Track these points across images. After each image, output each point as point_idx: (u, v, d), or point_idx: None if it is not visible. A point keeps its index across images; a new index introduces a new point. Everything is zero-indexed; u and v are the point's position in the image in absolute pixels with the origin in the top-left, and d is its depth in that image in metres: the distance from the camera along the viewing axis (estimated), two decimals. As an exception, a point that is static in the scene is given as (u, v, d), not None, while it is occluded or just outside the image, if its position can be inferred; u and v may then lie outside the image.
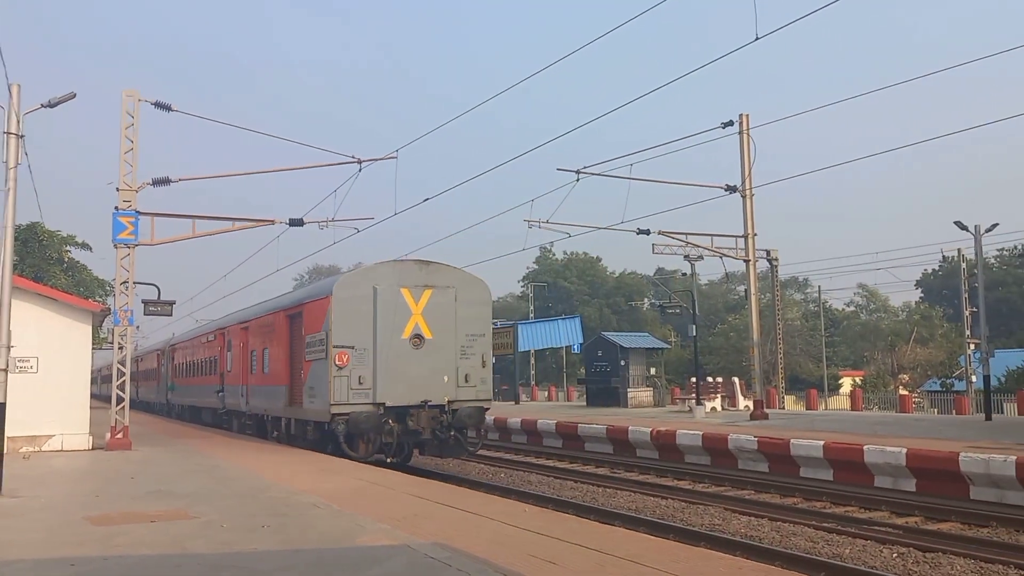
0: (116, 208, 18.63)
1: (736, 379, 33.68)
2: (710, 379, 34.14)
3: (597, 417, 26.11)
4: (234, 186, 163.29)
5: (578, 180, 24.05)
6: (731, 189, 25.71)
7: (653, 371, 36.43)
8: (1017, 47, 16.15)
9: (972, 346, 36.85)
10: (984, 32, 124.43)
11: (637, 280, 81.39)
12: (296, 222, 20.68)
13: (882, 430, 19.56)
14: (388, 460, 16.56)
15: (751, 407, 25.64)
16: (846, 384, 57.25)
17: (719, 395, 31.38)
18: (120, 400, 18.76)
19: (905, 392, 42.10)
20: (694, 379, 29.59)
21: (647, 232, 26.43)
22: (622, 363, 34.22)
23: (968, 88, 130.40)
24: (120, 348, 19.20)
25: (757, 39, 13.09)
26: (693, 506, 13.25)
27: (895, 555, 9.48)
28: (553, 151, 72.65)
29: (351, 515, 9.49)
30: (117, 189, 18.75)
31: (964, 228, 26.40)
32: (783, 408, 35.40)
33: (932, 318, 63.47)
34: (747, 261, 26.43)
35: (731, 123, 24.82)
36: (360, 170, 20.48)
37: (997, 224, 27.54)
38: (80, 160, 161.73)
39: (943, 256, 58.41)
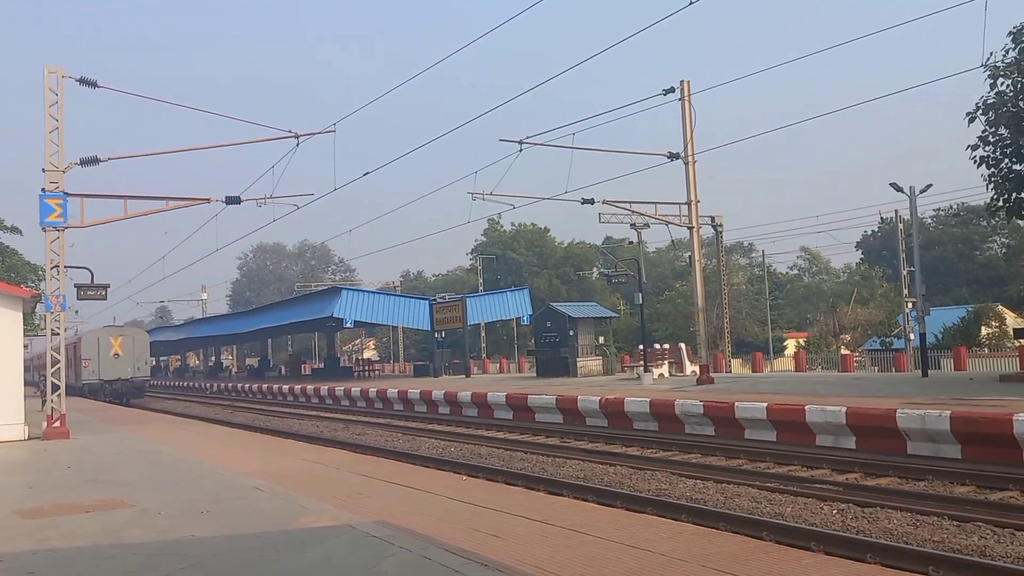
0: (43, 190, 17.96)
1: (683, 345, 34.10)
2: (658, 346, 34.52)
3: (547, 387, 26.22)
4: (169, 166, 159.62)
5: (521, 150, 23.96)
6: (674, 156, 25.83)
7: (602, 340, 36.70)
8: (949, 8, 16.39)
9: (910, 305, 37.83)
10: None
11: (586, 249, 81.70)
12: (233, 200, 20.19)
13: (824, 390, 19.98)
14: (108, 400, 39.36)
15: (697, 372, 25.98)
16: (790, 346, 58.57)
17: (667, 361, 31.74)
18: (56, 388, 18.23)
19: (847, 352, 43.21)
20: (642, 346, 29.86)
21: (591, 201, 26.49)
22: (571, 333, 34.38)
23: (903, 48, 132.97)
24: (54, 334, 18.62)
25: (691, 3, 13.04)
26: (641, 472, 13.34)
27: (835, 511, 9.66)
28: (495, 122, 72.44)
29: (293, 496, 9.35)
30: (43, 170, 18.06)
31: (899, 190, 26.95)
32: (730, 372, 36.02)
33: (872, 279, 65.08)
34: (691, 228, 26.65)
35: (672, 90, 24.82)
36: (298, 145, 20.07)
37: (931, 185, 28.20)
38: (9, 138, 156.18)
39: (881, 218, 59.68)
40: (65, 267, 18.41)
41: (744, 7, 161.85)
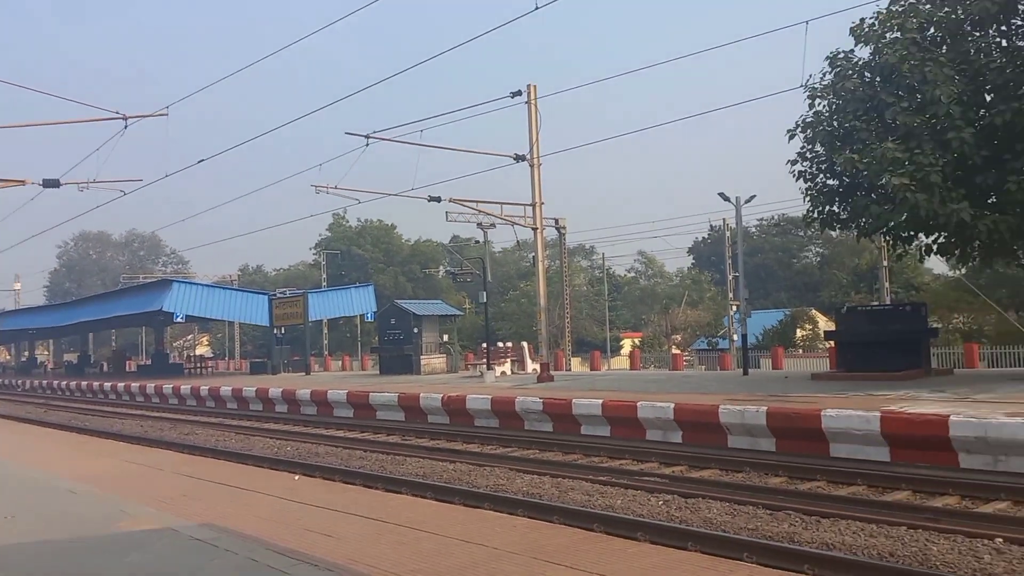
0: None
1: (525, 343, 34.74)
2: (501, 344, 35.00)
3: (389, 385, 25.99)
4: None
5: (368, 144, 23.65)
6: (520, 158, 26.25)
7: (446, 338, 36.80)
8: (786, 27, 17.55)
9: (734, 308, 40.25)
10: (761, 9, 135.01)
11: (432, 248, 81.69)
12: (51, 183, 18.73)
13: (655, 387, 20.89)
14: None
15: (538, 370, 26.53)
16: (627, 345, 60.95)
17: (509, 359, 32.23)
18: None
19: (677, 351, 45.45)
20: (485, 344, 30.18)
21: (438, 199, 26.49)
22: (415, 331, 34.26)
23: (736, 64, 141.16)
24: None
25: (537, 8, 13.31)
26: (480, 468, 13.46)
27: (661, 502, 10.12)
28: (342, 116, 70.98)
29: (113, 499, 8.79)
30: None
31: (727, 199, 28.62)
32: (570, 370, 37.03)
33: (701, 283, 68.82)
34: (535, 229, 27.17)
35: (519, 93, 25.22)
36: (126, 127, 18.87)
37: (755, 196, 30.10)
38: None
39: (711, 225, 63.30)
40: None
41: (595, 12, 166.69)
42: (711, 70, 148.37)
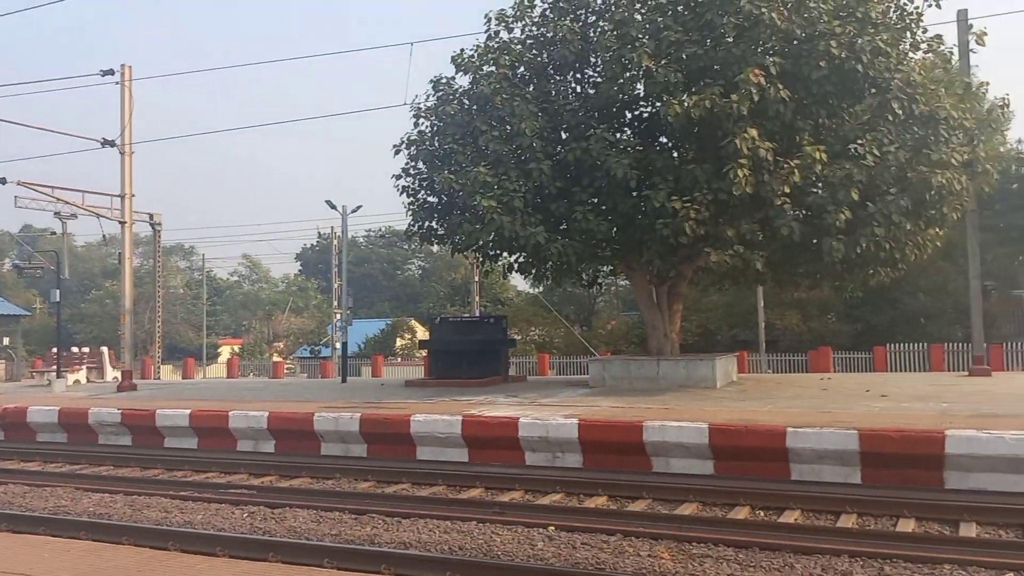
0: None
1: (105, 349, 31.49)
2: (77, 349, 31.33)
3: (-75, 396, 21.80)
4: None
5: (-92, 107, 19.65)
6: (108, 143, 23.80)
7: (7, 341, 32.01)
8: (390, 45, 18.07)
9: (338, 316, 40.67)
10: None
11: (-3, 237, 70.74)
12: None
13: (251, 395, 20.18)
14: None
15: (119, 378, 24.21)
16: (225, 352, 58.39)
17: (86, 366, 28.99)
18: None
19: (279, 359, 44.69)
20: (56, 349, 26.80)
21: (3, 181, 22.97)
22: (-35, 332, 29.26)
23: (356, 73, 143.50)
24: None
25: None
26: (39, 489, 11.86)
27: (246, 515, 9.74)
28: None
29: None
30: None
31: (333, 207, 28.87)
32: (159, 378, 34.38)
33: (308, 290, 68.58)
34: (123, 223, 24.80)
35: (111, 72, 22.92)
36: None
37: (361, 206, 30.84)
38: None
39: (319, 233, 63.46)
40: None
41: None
42: (331, 75, 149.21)
